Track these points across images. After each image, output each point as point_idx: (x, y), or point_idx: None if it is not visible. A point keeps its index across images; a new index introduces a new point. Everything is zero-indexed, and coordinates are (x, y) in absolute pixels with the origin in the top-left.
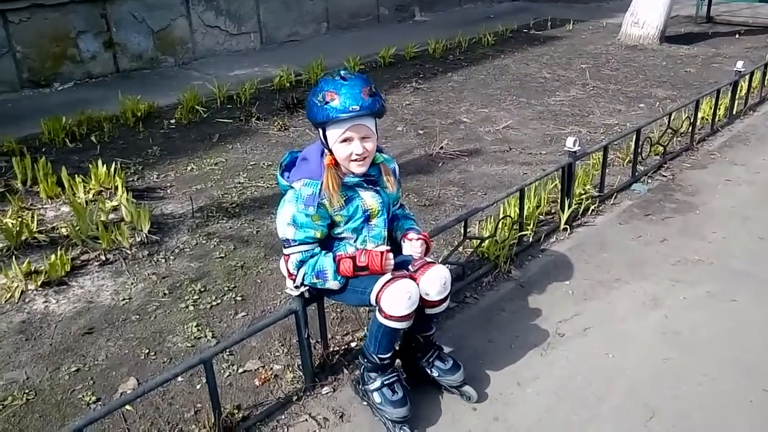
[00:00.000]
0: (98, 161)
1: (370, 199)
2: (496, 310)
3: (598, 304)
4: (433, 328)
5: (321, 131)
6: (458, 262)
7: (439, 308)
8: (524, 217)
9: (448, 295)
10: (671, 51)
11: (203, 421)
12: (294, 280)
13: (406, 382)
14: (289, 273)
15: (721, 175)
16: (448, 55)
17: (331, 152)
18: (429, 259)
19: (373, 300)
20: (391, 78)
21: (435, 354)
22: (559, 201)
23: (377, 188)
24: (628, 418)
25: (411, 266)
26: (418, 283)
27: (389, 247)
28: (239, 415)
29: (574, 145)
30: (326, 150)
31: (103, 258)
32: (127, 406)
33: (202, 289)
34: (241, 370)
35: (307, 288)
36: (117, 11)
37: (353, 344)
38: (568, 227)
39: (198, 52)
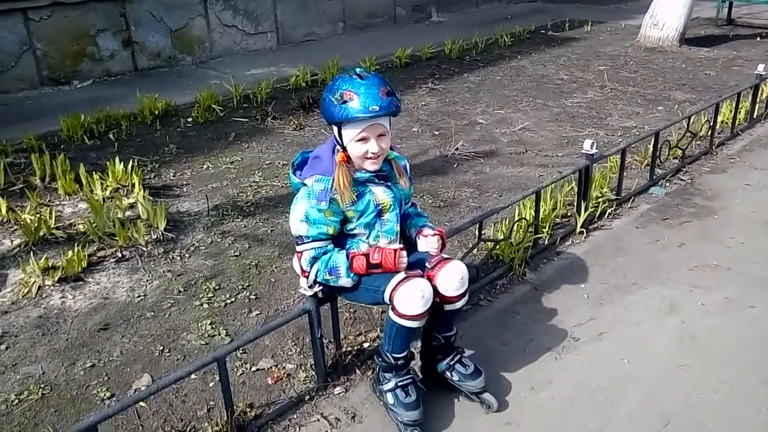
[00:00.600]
0: (116, 159)
1: (381, 193)
2: (510, 313)
3: (613, 309)
4: (454, 329)
5: (336, 129)
6: (473, 264)
7: (458, 304)
8: (540, 219)
9: (466, 291)
10: (691, 53)
11: (216, 419)
12: (307, 277)
13: (421, 383)
14: (303, 270)
15: (741, 179)
16: (465, 55)
17: (345, 149)
18: (445, 255)
19: (386, 298)
20: (407, 78)
21: (457, 358)
22: (575, 204)
23: (388, 183)
24: (643, 424)
25: (428, 263)
26: (435, 279)
27: (402, 246)
28: (252, 413)
29: (591, 147)
30: (339, 147)
31: (120, 255)
32: (141, 403)
33: (216, 287)
34: (254, 369)
35: (321, 288)
36: (136, 10)
37: (366, 345)
38: (585, 230)
39: (215, 51)
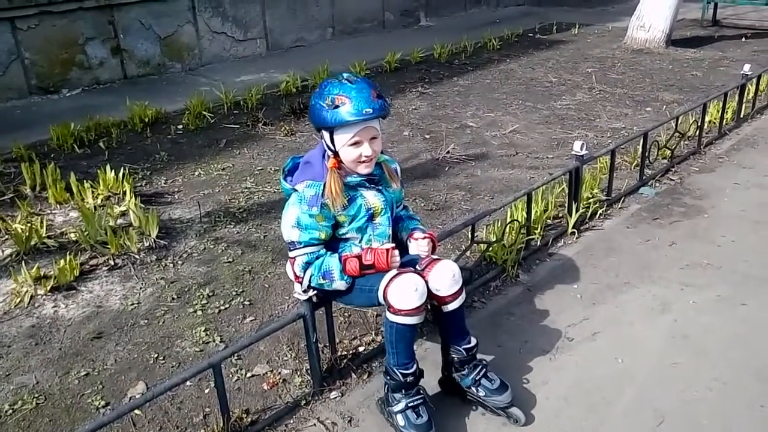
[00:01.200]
0: (106, 167)
1: (372, 197)
2: (504, 314)
3: (606, 309)
4: (473, 340)
5: (328, 134)
6: (466, 267)
7: (454, 304)
8: (532, 221)
9: (460, 289)
10: (678, 54)
11: (212, 425)
12: (301, 283)
13: (436, 396)
14: (296, 276)
15: (730, 178)
16: (454, 59)
17: (336, 154)
18: (436, 256)
19: (380, 296)
20: (397, 83)
21: (482, 372)
22: (566, 205)
23: (379, 187)
24: (638, 423)
25: (418, 265)
26: (427, 278)
27: (394, 245)
28: (248, 419)
29: (581, 149)
30: (330, 153)
31: (112, 263)
32: (136, 411)
33: (210, 294)
34: (249, 375)
35: (315, 292)
36: (124, 18)
37: (361, 348)
38: (576, 231)
39: (205, 58)
